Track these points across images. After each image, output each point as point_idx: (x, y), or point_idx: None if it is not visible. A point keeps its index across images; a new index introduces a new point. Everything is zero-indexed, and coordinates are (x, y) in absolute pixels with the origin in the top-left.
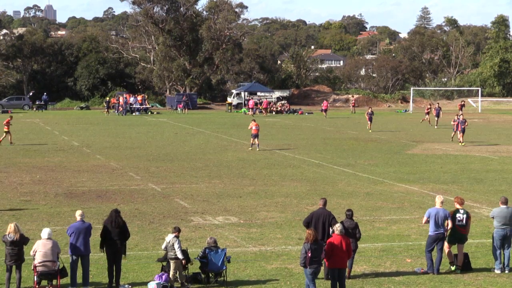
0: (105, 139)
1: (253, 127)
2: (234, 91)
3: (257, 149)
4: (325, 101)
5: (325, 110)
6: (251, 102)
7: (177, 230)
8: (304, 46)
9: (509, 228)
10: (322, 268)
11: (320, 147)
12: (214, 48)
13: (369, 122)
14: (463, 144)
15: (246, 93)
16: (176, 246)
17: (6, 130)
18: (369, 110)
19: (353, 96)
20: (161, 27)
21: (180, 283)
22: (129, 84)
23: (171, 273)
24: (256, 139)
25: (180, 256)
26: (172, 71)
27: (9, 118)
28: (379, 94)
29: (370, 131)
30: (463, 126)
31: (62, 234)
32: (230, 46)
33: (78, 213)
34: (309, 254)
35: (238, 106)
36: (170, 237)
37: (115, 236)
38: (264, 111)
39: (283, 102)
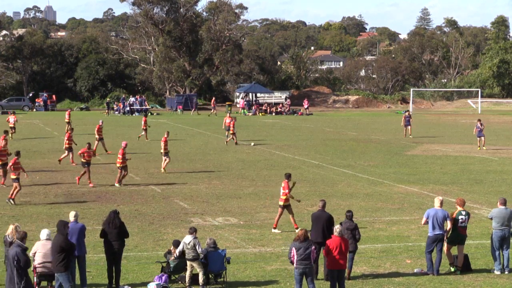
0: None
1: (227, 121)
2: (242, 93)
3: (226, 141)
4: (306, 100)
5: (306, 108)
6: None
7: (195, 231)
8: (304, 47)
9: (507, 229)
10: (322, 269)
11: (320, 148)
12: (214, 49)
13: None
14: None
15: (253, 95)
16: (197, 246)
17: (232, 132)
18: None
19: (286, 98)
20: (161, 28)
21: (202, 282)
22: (129, 85)
23: (188, 274)
24: (227, 132)
25: (202, 255)
26: (172, 72)
27: (233, 120)
28: (379, 95)
29: None
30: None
31: None
32: (230, 47)
33: (72, 214)
34: (293, 252)
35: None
36: (189, 239)
37: (113, 237)
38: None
39: (284, 102)
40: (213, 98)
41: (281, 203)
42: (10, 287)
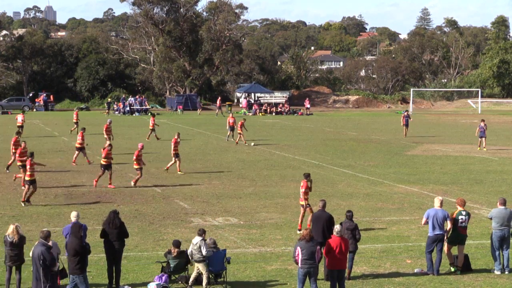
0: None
1: (230, 120)
2: (243, 93)
3: (227, 140)
4: (307, 100)
5: (307, 108)
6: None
7: (203, 232)
8: (304, 47)
9: (507, 229)
10: (322, 269)
11: (320, 148)
12: (214, 49)
13: None
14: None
15: (254, 95)
16: (202, 248)
17: (239, 131)
18: None
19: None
20: (161, 28)
21: (205, 286)
22: (129, 85)
23: (193, 275)
24: (230, 132)
25: (207, 256)
26: (172, 72)
27: (242, 121)
28: (379, 95)
29: None
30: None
31: (62, 235)
32: (230, 47)
33: (73, 215)
34: (298, 251)
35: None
36: (197, 240)
37: (113, 237)
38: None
39: (284, 101)
40: (219, 98)
41: (302, 203)
42: (37, 286)
